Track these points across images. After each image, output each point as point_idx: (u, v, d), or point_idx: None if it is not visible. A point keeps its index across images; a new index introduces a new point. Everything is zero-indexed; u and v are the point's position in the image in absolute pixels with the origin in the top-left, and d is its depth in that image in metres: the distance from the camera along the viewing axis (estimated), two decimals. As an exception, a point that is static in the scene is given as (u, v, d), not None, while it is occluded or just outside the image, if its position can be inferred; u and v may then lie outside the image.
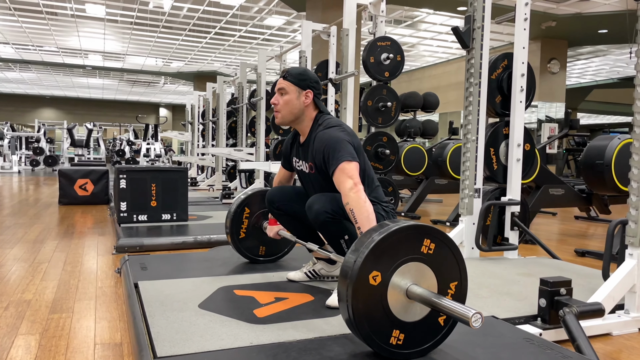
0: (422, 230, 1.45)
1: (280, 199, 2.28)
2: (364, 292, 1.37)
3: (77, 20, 12.35)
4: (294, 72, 2.10)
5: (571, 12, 10.11)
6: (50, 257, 3.15)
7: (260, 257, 2.74)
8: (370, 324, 1.39)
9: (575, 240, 4.34)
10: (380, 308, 1.40)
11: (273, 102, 2.12)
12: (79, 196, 6.05)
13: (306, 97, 2.09)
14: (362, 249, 1.38)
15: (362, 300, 1.37)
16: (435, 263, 1.48)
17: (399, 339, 1.44)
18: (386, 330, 1.42)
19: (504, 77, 3.11)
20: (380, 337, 1.41)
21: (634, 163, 2.01)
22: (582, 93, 18.87)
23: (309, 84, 2.10)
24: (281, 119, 2.12)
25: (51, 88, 25.14)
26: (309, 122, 2.13)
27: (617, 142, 3.56)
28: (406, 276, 1.43)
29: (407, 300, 1.44)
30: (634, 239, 2.01)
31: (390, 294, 1.41)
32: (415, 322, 1.46)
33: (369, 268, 1.37)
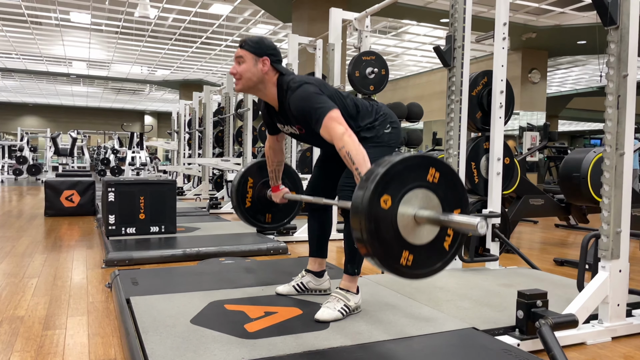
0: (428, 160, 1.57)
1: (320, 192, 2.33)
2: (376, 214, 1.47)
3: (62, 30, 12.31)
4: (250, 41, 2.13)
5: (550, 24, 10.38)
6: (39, 271, 3.18)
7: (267, 224, 2.79)
8: (381, 244, 1.49)
9: (555, 248, 4.47)
10: (390, 230, 1.50)
11: (232, 72, 2.15)
12: (65, 207, 6.04)
13: (263, 64, 2.10)
14: (373, 176, 1.49)
15: (374, 221, 1.47)
16: (440, 191, 1.58)
17: (408, 259, 1.55)
18: (396, 251, 1.53)
19: (484, 94, 3.23)
20: (391, 258, 1.52)
21: (605, 180, 2.12)
22: (563, 101, 19.28)
23: (265, 50, 2.11)
24: (241, 86, 2.15)
25: (34, 96, 24.90)
26: (272, 87, 2.14)
27: (592, 156, 3.70)
28: (414, 201, 1.54)
29: (415, 224, 1.55)
30: (606, 252, 2.11)
31: (399, 217, 1.52)
32: (423, 245, 1.57)
33: (380, 192, 1.48)
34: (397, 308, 2.21)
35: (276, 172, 2.54)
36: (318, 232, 2.39)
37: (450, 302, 2.35)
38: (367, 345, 1.79)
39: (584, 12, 9.82)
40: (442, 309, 2.23)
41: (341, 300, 2.07)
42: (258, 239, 4.15)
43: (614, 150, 2.09)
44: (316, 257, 2.39)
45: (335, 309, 2.04)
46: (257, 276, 2.86)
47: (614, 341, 2.09)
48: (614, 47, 2.08)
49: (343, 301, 2.07)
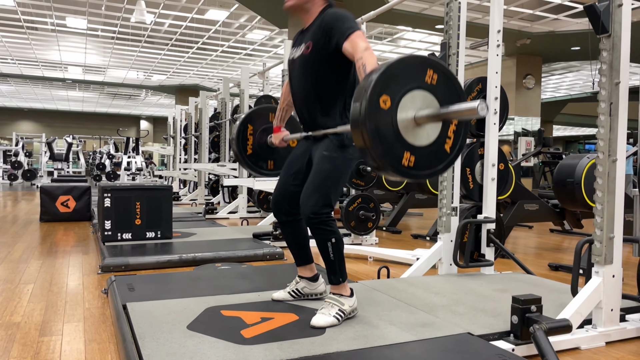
0: (425, 61, 1.59)
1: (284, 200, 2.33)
2: (376, 115, 1.49)
3: (58, 35, 12.31)
4: None
5: (545, 30, 10.46)
6: (35, 277, 3.17)
7: (270, 171, 2.78)
8: (383, 144, 1.51)
9: (550, 253, 4.49)
10: (391, 130, 1.53)
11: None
12: (61, 213, 6.03)
13: None
14: (371, 76, 1.51)
15: (374, 122, 1.49)
16: (439, 92, 1.60)
17: (410, 160, 1.58)
18: (398, 152, 1.55)
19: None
20: (393, 158, 1.55)
21: (597, 186, 2.15)
22: (557, 106, 19.40)
23: None
24: (291, 4, 2.20)
25: (30, 100, 24.85)
26: (315, 11, 2.20)
27: (586, 161, 3.74)
28: (413, 103, 1.57)
29: (415, 125, 1.57)
30: (599, 258, 2.14)
31: (399, 118, 1.54)
32: (424, 146, 1.60)
33: (379, 92, 1.49)
34: (392, 313, 2.23)
35: (284, 112, 2.53)
36: (294, 242, 2.38)
37: (445, 307, 2.36)
38: (363, 351, 1.80)
39: (578, 18, 9.91)
40: (437, 314, 2.24)
41: (335, 305, 2.08)
42: (254, 244, 4.15)
43: (606, 157, 2.12)
44: (302, 265, 2.40)
45: (330, 314, 2.04)
46: (253, 282, 2.86)
47: (608, 346, 2.11)
48: (606, 54, 2.11)
49: (337, 306, 2.08)
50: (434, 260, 3.12)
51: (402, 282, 2.86)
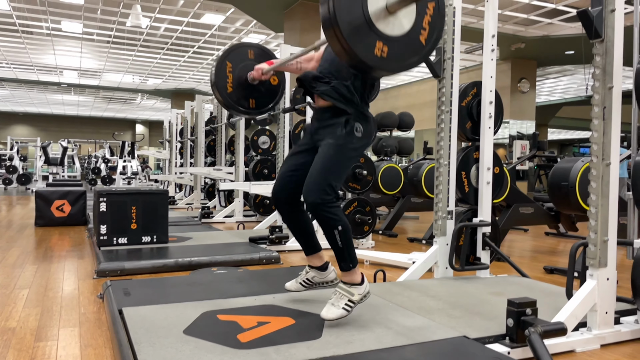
0: None
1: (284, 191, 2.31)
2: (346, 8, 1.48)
3: (54, 39, 12.29)
4: None
5: (539, 34, 10.52)
6: (30, 282, 3.16)
7: (252, 110, 2.74)
8: (352, 29, 1.50)
9: (545, 256, 4.51)
10: (361, 15, 1.51)
11: None
12: (56, 217, 6.01)
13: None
14: None
15: (345, 18, 1.48)
16: None
17: (383, 50, 1.56)
18: (370, 40, 1.53)
19: (474, 105, 3.28)
20: (364, 46, 1.52)
21: (592, 190, 2.16)
22: (552, 110, 19.49)
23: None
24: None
25: (25, 105, 24.78)
26: None
27: (580, 165, 3.76)
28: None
29: (387, 14, 1.55)
30: (593, 261, 2.15)
31: (371, 8, 1.53)
32: (398, 36, 1.58)
33: None
34: (388, 317, 2.23)
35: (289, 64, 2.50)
36: (299, 232, 2.37)
37: (441, 310, 2.37)
38: (360, 355, 1.81)
39: (572, 22, 9.97)
40: (433, 317, 2.25)
41: (344, 296, 2.08)
42: (250, 248, 4.15)
43: (600, 161, 2.13)
44: (311, 254, 2.38)
45: (339, 306, 2.04)
46: (250, 286, 2.86)
47: (603, 349, 2.12)
48: (599, 59, 2.13)
49: (347, 297, 2.08)
50: (430, 263, 3.13)
51: (399, 285, 2.87)
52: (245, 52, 2.69)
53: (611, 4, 2.09)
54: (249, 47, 2.74)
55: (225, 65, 2.66)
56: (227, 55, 2.68)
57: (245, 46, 2.73)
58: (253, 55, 2.73)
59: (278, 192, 2.32)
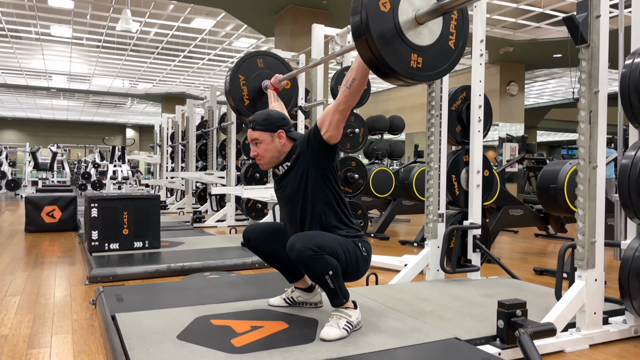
0: None
1: (256, 237, 2.36)
2: (378, 19, 1.56)
3: (43, 43, 12.21)
4: (259, 119, 2.19)
5: (527, 38, 10.64)
6: (22, 289, 3.14)
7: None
8: (391, 50, 1.58)
9: (535, 258, 4.56)
10: (395, 33, 1.60)
11: (253, 155, 2.22)
12: (46, 223, 5.97)
13: (279, 137, 2.20)
14: None
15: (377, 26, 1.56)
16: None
17: (418, 62, 1.65)
18: (405, 55, 1.62)
19: (463, 109, 3.32)
20: (402, 62, 1.62)
21: (579, 192, 2.20)
22: (540, 112, 19.68)
23: (277, 125, 2.19)
24: (266, 166, 2.24)
25: (13, 110, 24.56)
26: (287, 150, 2.22)
27: (568, 167, 3.81)
28: (411, 4, 1.64)
29: (417, 25, 1.64)
30: (581, 262, 2.18)
31: (401, 20, 1.60)
32: (429, 45, 1.67)
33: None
34: (381, 319, 2.25)
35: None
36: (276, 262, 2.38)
37: (433, 312, 2.39)
38: (353, 358, 1.82)
39: (559, 26, 10.10)
40: (425, 319, 2.27)
41: (343, 317, 2.06)
42: (243, 253, 4.15)
43: (587, 164, 2.17)
44: (294, 281, 2.42)
45: (339, 327, 2.02)
46: (243, 290, 2.87)
47: (592, 349, 2.15)
48: (585, 64, 2.17)
49: (345, 318, 2.06)
50: (422, 266, 3.15)
51: (391, 288, 2.89)
52: (255, 61, 2.74)
53: (596, 10, 2.13)
54: (257, 55, 2.79)
55: (238, 79, 2.73)
56: (238, 68, 2.74)
57: (253, 55, 2.78)
58: (262, 64, 2.78)
59: (248, 234, 2.35)
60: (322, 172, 2.15)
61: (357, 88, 1.95)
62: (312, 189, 2.14)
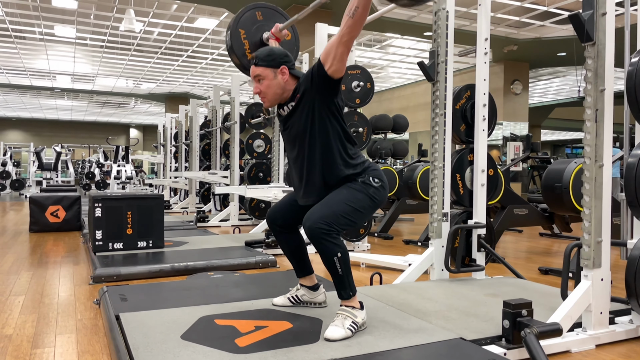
0: None
1: (281, 216, 2.34)
2: None
3: (47, 44, 12.25)
4: (261, 55, 2.16)
5: (531, 36, 10.59)
6: (26, 289, 3.15)
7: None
8: None
9: (540, 257, 4.54)
10: None
11: (256, 92, 2.20)
12: (51, 223, 5.98)
13: (282, 74, 2.16)
14: None
15: None
16: None
17: None
18: None
19: (468, 107, 3.30)
20: None
21: (585, 191, 2.19)
22: (545, 111, 19.60)
23: (279, 60, 2.15)
24: (269, 103, 2.21)
25: (17, 110, 24.63)
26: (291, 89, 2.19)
27: (573, 166, 3.79)
28: None
29: None
30: (588, 262, 2.17)
31: None
32: None
33: None
34: (385, 320, 2.24)
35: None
36: (290, 252, 2.39)
37: (437, 312, 2.38)
38: (357, 358, 1.81)
39: (564, 24, 10.05)
40: (430, 319, 2.26)
41: (348, 317, 2.04)
42: (247, 252, 4.15)
43: (593, 162, 2.16)
44: (302, 276, 2.41)
45: (344, 326, 2.00)
46: (247, 290, 2.87)
47: (598, 349, 2.14)
48: (591, 62, 2.16)
49: (350, 318, 2.04)
50: (426, 265, 3.14)
51: (395, 288, 2.88)
52: (254, 14, 2.71)
53: (602, 8, 2.11)
54: (255, 7, 2.75)
55: (238, 33, 2.68)
56: (237, 22, 2.70)
57: (252, 8, 2.74)
58: (261, 16, 2.76)
59: (273, 213, 2.36)
60: (328, 108, 2.13)
61: (360, 16, 1.89)
62: (318, 126, 2.13)
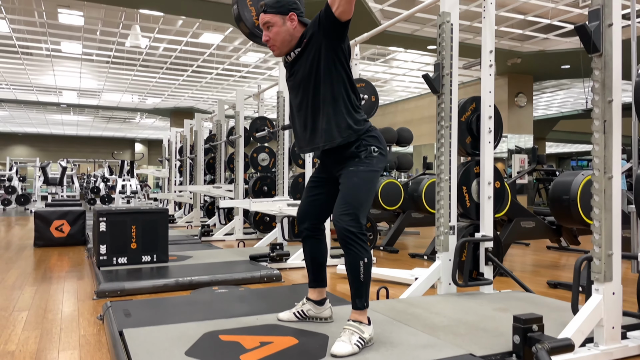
0: None
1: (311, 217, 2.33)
2: None
3: (53, 60, 12.37)
4: (270, 2, 2.17)
5: (535, 49, 10.61)
6: (30, 304, 3.13)
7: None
8: None
9: (547, 271, 4.48)
10: None
11: (265, 40, 2.19)
12: (55, 238, 5.98)
13: (291, 20, 2.16)
14: None
15: None
16: None
17: None
18: None
19: (473, 120, 3.29)
20: None
21: (594, 203, 2.15)
22: (549, 124, 19.57)
23: (288, 7, 2.16)
24: (279, 50, 2.20)
25: (24, 125, 24.82)
26: (298, 35, 2.18)
27: (581, 178, 3.76)
28: None
29: None
30: (599, 275, 2.13)
31: None
32: None
33: None
34: (393, 335, 2.20)
35: None
36: (312, 260, 2.37)
37: (446, 328, 2.34)
38: (365, 374, 1.78)
39: (567, 37, 10.07)
40: (438, 335, 2.22)
41: (356, 332, 2.01)
42: (251, 266, 4.12)
43: (602, 174, 2.13)
44: (314, 287, 2.38)
45: (351, 342, 1.97)
46: (251, 305, 2.83)
47: (611, 364, 2.09)
48: (598, 73, 2.14)
49: (358, 334, 2.01)
50: (433, 279, 3.10)
51: (402, 302, 2.84)
52: None
53: (608, 19, 2.10)
54: None
55: (245, 1, 2.68)
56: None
57: None
58: None
59: (302, 216, 2.35)
60: (335, 53, 2.12)
61: None
62: (324, 70, 2.12)
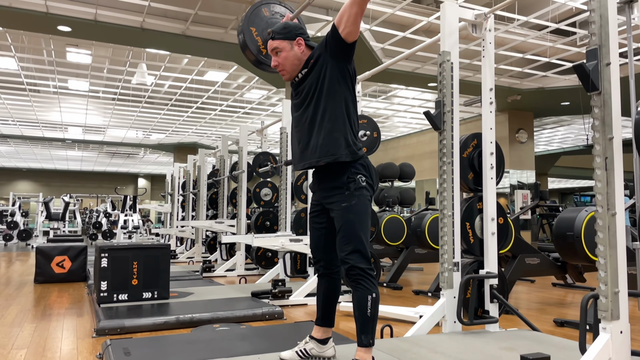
0: None
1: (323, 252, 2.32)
2: None
3: (60, 96, 12.59)
4: (277, 29, 2.24)
5: (534, 86, 10.77)
6: (29, 342, 3.08)
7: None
8: None
9: (554, 308, 4.41)
10: None
11: (274, 65, 2.25)
12: (56, 274, 5.93)
13: (299, 45, 2.22)
14: None
15: None
16: None
17: None
18: None
19: (475, 156, 3.31)
20: None
21: (599, 240, 2.14)
22: (551, 159, 19.65)
23: (295, 32, 2.23)
24: (289, 74, 2.25)
25: (28, 160, 25.02)
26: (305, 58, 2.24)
27: (584, 214, 3.75)
28: None
29: None
30: (606, 313, 2.10)
31: None
32: None
33: None
34: (398, 375, 2.15)
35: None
36: (325, 298, 2.35)
37: (452, 367, 2.29)
38: (369, 417, 1.73)
39: (566, 75, 10.23)
40: (444, 375, 2.17)
41: None
42: (253, 303, 4.07)
43: (605, 211, 2.13)
44: (322, 325, 2.35)
45: None
46: (253, 344, 2.79)
47: (622, 406, 2.03)
48: (598, 111, 2.17)
49: None
50: (438, 317, 3.05)
51: (406, 341, 2.79)
52: (261, 11, 2.81)
53: (606, 58, 2.15)
54: (262, 4, 2.85)
55: (250, 31, 2.78)
56: (248, 21, 2.80)
57: (259, 5, 2.84)
58: (267, 12, 2.85)
59: (315, 253, 2.37)
60: (340, 72, 2.17)
61: None
62: (327, 87, 2.16)
